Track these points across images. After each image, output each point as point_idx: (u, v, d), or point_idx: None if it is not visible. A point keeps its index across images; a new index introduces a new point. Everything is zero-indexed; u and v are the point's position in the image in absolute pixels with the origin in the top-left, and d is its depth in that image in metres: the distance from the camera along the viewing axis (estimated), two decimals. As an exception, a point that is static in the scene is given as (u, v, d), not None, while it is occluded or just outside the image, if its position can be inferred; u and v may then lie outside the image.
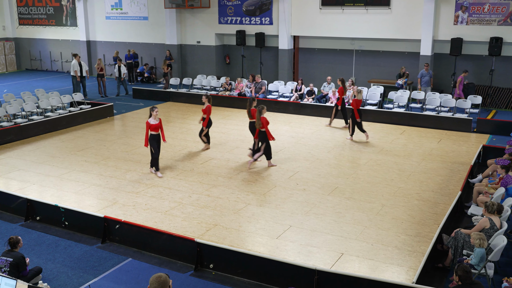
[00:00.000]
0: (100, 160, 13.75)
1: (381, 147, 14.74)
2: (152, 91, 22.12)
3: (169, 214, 10.26)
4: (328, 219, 10.00)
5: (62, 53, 30.31)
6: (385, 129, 16.74)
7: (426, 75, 19.28)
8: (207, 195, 11.23)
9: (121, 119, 18.66)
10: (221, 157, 13.85)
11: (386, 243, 9.01)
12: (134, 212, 10.35)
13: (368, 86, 20.94)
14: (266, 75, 24.03)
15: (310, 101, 19.26)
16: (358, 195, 11.18)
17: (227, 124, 17.50)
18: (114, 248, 9.19)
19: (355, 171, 12.72)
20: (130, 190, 11.54)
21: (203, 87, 22.61)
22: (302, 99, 19.85)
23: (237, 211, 10.38)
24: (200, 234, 9.37)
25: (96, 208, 10.51)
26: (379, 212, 10.27)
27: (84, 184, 11.94)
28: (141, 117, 18.76)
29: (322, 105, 18.76)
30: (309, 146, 14.83)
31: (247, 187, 11.68)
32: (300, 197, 11.07)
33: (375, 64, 22.14)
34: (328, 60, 23.13)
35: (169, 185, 11.87)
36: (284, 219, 9.99)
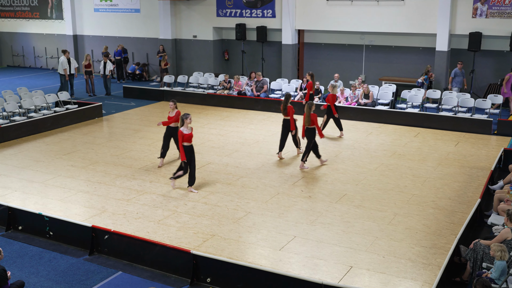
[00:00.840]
0: (87, 164, 13.77)
1: (393, 150, 14.74)
2: (144, 90, 22.15)
3: (163, 223, 10.26)
4: (335, 229, 9.99)
5: (47, 49, 30.37)
6: (397, 131, 16.75)
7: (459, 74, 19.02)
8: (204, 202, 11.24)
9: (111, 120, 18.68)
10: (219, 162, 13.86)
11: (399, 255, 9.01)
12: (125, 221, 10.36)
13: (379, 84, 20.96)
14: (268, 73, 24.06)
15: (316, 100, 19.27)
16: (369, 203, 11.18)
17: (226, 125, 17.52)
18: (102, 260, 9.19)
19: (365, 176, 12.73)
20: (121, 198, 11.55)
21: (199, 86, 22.65)
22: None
23: (236, 220, 10.38)
24: (197, 245, 9.37)
25: (84, 217, 10.52)
26: (391, 222, 10.26)
27: (71, 191, 11.95)
28: (132, 118, 18.79)
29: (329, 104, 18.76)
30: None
31: (248, 194, 11.69)
32: (305, 205, 11.07)
33: (386, 61, 22.16)
34: (335, 56, 23.15)
35: (162, 192, 11.87)
36: (288, 229, 9.99)
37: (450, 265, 8.38)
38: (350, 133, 16.42)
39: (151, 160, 13.97)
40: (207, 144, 15.45)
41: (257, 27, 23.62)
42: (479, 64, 20.05)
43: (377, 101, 18.84)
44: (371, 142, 15.53)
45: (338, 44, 23.02)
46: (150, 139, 15.94)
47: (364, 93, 18.37)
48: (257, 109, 19.48)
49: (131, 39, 27.43)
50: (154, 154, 14.39)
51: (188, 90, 21.78)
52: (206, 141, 15.76)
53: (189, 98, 21.02)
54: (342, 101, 18.67)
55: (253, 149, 14.88)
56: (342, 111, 18.07)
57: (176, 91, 21.62)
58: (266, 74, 23.66)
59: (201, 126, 17.45)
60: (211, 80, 22.42)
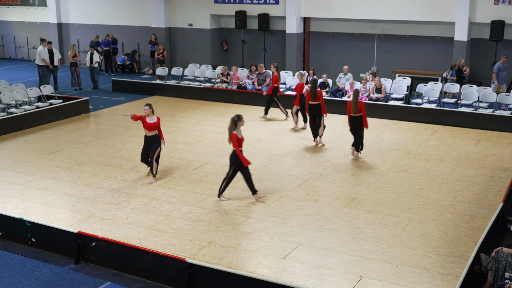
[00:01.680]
0: (73, 165, 13.78)
1: (407, 150, 14.74)
2: (135, 83, 22.16)
3: (156, 229, 10.27)
4: (344, 235, 10.00)
5: (28, 38, 30.40)
6: (412, 128, 16.75)
7: (503, 69, 18.67)
8: (200, 207, 11.25)
9: (99, 116, 18.69)
10: (217, 162, 13.87)
11: (414, 265, 9.01)
12: (114, 227, 10.37)
13: (392, 77, 20.96)
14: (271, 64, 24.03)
15: (324, 95, 19.26)
16: (381, 207, 11.18)
17: (224, 122, 17.52)
18: (89, 270, 9.20)
19: (377, 178, 12.73)
20: (109, 201, 11.56)
21: (195, 79, 22.66)
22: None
23: (236, 226, 10.39)
24: (192, 253, 9.38)
25: (69, 222, 10.53)
26: (405, 228, 10.27)
27: (55, 194, 11.96)
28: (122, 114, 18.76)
29: (337, 99, 18.77)
30: (322, 149, 14.85)
31: (248, 197, 11.70)
32: (311, 210, 11.08)
33: (400, 52, 22.15)
34: (344, 47, 23.15)
35: (155, 195, 11.89)
36: (292, 236, 9.99)
37: (469, 275, 8.38)
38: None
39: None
40: (204, 142, 15.46)
41: (259, 15, 23.63)
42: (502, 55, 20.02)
43: (390, 95, 18.83)
44: (384, 141, 15.53)
45: (348, 34, 23.02)
46: (141, 137, 15.91)
47: (376, 87, 18.36)
48: (259, 105, 19.48)
49: (121, 28, 27.45)
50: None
51: (183, 84, 21.79)
52: (202, 139, 15.77)
53: (184, 92, 21.03)
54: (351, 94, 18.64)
55: (254, 149, 14.89)
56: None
57: (170, 84, 21.63)
58: (268, 66, 23.67)
59: (197, 123, 17.46)
60: (208, 72, 22.43)
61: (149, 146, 12.43)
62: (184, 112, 18.89)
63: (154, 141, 12.42)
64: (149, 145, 12.44)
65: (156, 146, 12.40)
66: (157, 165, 12.54)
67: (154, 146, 12.40)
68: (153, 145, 12.40)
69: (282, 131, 16.49)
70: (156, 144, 12.41)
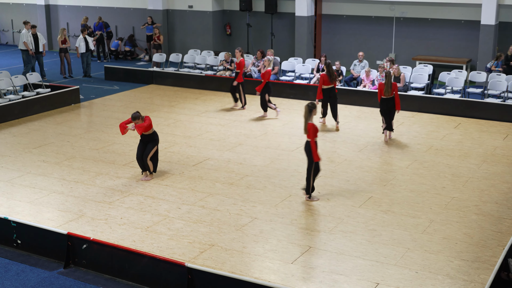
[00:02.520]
0: (62, 160, 13.82)
1: (429, 144, 14.72)
2: (130, 71, 22.18)
3: (152, 230, 10.30)
4: (359, 238, 10.00)
5: (13, 21, 30.44)
6: (434, 121, 16.72)
7: None
8: (201, 206, 11.27)
9: (90, 107, 18.72)
10: (219, 157, 13.88)
11: (435, 271, 9.01)
12: (107, 228, 10.40)
13: (412, 64, 20.92)
14: (279, 50, 24.04)
15: (337, 84, 19.25)
16: (399, 207, 11.18)
17: (228, 114, 17.53)
18: (80, 274, 9.23)
19: (395, 176, 12.72)
20: (101, 200, 11.59)
21: (196, 66, 22.66)
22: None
23: (240, 227, 10.41)
24: (192, 257, 9.41)
25: (58, 223, 10.57)
26: (426, 230, 10.26)
27: (42, 191, 12.00)
28: (116, 104, 18.83)
29: (352, 89, 18.74)
30: (335, 143, 14.84)
31: (254, 196, 11.71)
32: (323, 210, 11.08)
33: (421, 36, 22.09)
34: (360, 31, 23.09)
35: (151, 193, 11.91)
36: (301, 239, 10.00)
37: (496, 282, 8.36)
38: (376, 123, 16.39)
39: (138, 155, 14.01)
40: (205, 136, 15.47)
41: (266, -4, 23.61)
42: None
43: (410, 85, 18.79)
44: (402, 135, 15.51)
45: (363, 16, 22.97)
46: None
47: (394, 75, 18.32)
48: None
49: (114, 10, 27.47)
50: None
51: (182, 71, 21.79)
52: (203, 132, 15.79)
53: (183, 80, 21.03)
54: (368, 85, 18.64)
55: (260, 143, 14.89)
56: (368, 97, 18.05)
57: (167, 72, 21.64)
58: (276, 52, 23.64)
59: (197, 114, 17.47)
60: (210, 59, 22.42)
61: (145, 145, 12.40)
62: (184, 103, 18.89)
63: (151, 139, 12.38)
64: (145, 143, 12.41)
65: (152, 145, 12.35)
66: (154, 164, 12.49)
67: (150, 145, 12.37)
68: (149, 143, 12.38)
69: (291, 123, 16.48)
70: (152, 143, 12.37)
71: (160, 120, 16.83)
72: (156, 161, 12.59)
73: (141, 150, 12.39)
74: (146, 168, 12.48)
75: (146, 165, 12.45)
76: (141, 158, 12.42)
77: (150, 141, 12.38)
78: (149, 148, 12.36)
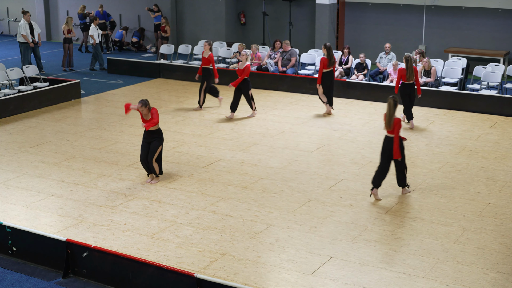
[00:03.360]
0: (61, 160, 13.88)
1: (462, 145, 14.65)
2: (135, 63, 22.24)
3: (158, 238, 10.33)
4: (385, 248, 9.98)
5: (9, 9, 30.62)
6: (468, 119, 16.65)
7: None
8: (212, 211, 11.29)
9: (91, 102, 18.79)
10: (232, 158, 13.89)
11: (468, 284, 8.97)
12: (109, 234, 10.44)
13: (444, 57, 20.82)
14: (298, 41, 24.01)
15: (361, 78, 19.19)
16: (429, 214, 11.14)
17: (241, 110, 17.54)
18: (80, 285, 9.27)
19: (425, 179, 12.67)
20: (104, 204, 11.63)
21: (207, 58, 22.67)
22: (349, 76, 19.80)
23: (254, 235, 10.41)
24: (202, 267, 9.42)
25: (56, 228, 10.62)
26: (458, 239, 10.22)
27: (39, 194, 12.06)
28: (119, 100, 18.89)
29: (377, 84, 18.68)
30: (359, 143, 14.81)
31: (269, 201, 11.71)
32: (345, 216, 11.06)
33: (455, 27, 21.98)
34: (387, 20, 23.01)
35: (158, 197, 11.94)
36: (321, 248, 9.99)
37: (536, 297, 8.32)
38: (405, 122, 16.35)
39: (144, 155, 14.05)
40: (217, 135, 15.49)
41: (284, -18, 23.60)
42: None
43: (442, 80, 18.71)
44: (433, 134, 15.45)
45: (391, 4, 22.89)
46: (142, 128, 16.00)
47: (424, 69, 18.26)
48: (283, 89, 19.47)
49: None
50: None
51: (192, 64, 21.83)
52: (215, 131, 15.80)
53: (193, 74, 21.02)
54: (395, 80, 18.56)
55: (277, 142, 14.89)
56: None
57: (176, 65, 21.68)
58: (294, 43, 23.63)
59: (208, 112, 17.49)
60: (222, 51, 22.44)
61: (149, 144, 12.33)
62: (193, 98, 18.92)
63: (154, 137, 12.32)
64: (148, 142, 12.34)
65: (157, 144, 12.29)
66: (159, 165, 12.50)
67: (154, 145, 12.30)
68: (153, 142, 12.33)
69: (311, 121, 16.47)
70: (156, 142, 12.29)
71: (167, 117, 16.87)
72: (160, 161, 12.59)
73: (145, 151, 12.35)
74: (152, 170, 12.50)
75: (151, 168, 12.46)
76: (145, 159, 12.41)
77: (155, 139, 12.31)
78: (154, 148, 12.30)
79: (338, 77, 19.40)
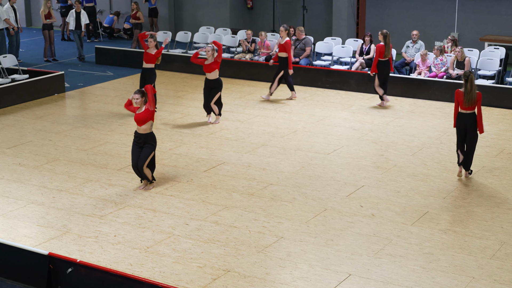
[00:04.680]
0: (42, 163, 13.92)
1: (500, 147, 14.63)
2: (126, 53, 22.27)
3: (153, 251, 10.34)
4: (411, 264, 9.97)
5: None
6: (507, 117, 16.63)
7: None
8: (214, 222, 11.30)
9: (77, 97, 18.83)
10: (237, 161, 13.91)
11: (507, 306, 8.97)
12: (97, 247, 10.46)
13: (480, 47, 20.80)
14: (313, 28, 24.02)
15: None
16: (462, 225, 11.12)
17: (248, 107, 17.55)
18: (64, 305, 9.31)
19: (457, 186, 12.65)
20: (91, 213, 11.65)
21: (209, 47, 22.70)
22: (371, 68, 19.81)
23: (262, 248, 10.42)
24: (203, 285, 9.44)
25: (37, 241, 10.64)
26: (495, 255, 10.20)
27: (18, 202, 12.09)
28: (109, 94, 18.91)
29: (404, 77, 18.66)
30: (382, 145, 14.80)
31: (280, 210, 11.71)
32: (366, 228, 11.06)
33: (492, 11, 21.95)
34: (414, 4, 23.00)
35: (152, 205, 11.95)
36: (339, 264, 9.99)
37: None
38: (435, 119, 16.33)
39: (137, 157, 14.09)
40: (220, 134, 15.50)
41: (296, -40, 23.63)
42: None
43: (477, 72, 18.68)
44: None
45: (419, -14, 22.91)
46: (134, 126, 16.02)
47: (457, 59, 18.24)
48: (295, 83, 19.44)
49: (107, -23, 27.65)
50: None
51: (192, 53, 21.84)
52: (218, 130, 15.82)
53: (193, 65, 21.05)
54: (424, 71, 18.57)
55: (288, 143, 14.90)
56: (424, 86, 17.97)
57: (174, 54, 21.70)
58: (309, 30, 23.64)
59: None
60: (227, 39, 22.47)
61: (141, 148, 12.32)
62: (193, 93, 18.95)
63: (146, 142, 12.27)
64: (140, 146, 12.32)
65: (148, 151, 12.21)
66: (151, 171, 12.49)
67: (146, 151, 12.24)
68: (144, 148, 12.29)
69: (327, 119, 16.46)
70: (148, 148, 12.23)
71: (164, 114, 16.90)
72: (153, 167, 12.57)
73: (137, 156, 12.30)
74: (145, 177, 12.50)
75: (143, 174, 12.47)
76: (137, 165, 12.40)
77: (147, 144, 12.27)
78: (145, 154, 12.24)
79: (359, 69, 19.41)
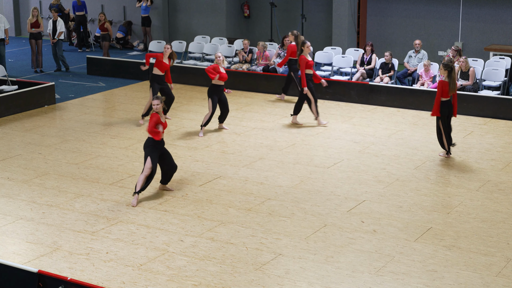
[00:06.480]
0: (32, 177, 13.91)
1: (505, 160, 14.65)
2: (119, 63, 22.27)
3: (147, 269, 10.34)
4: (415, 282, 9.98)
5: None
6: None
7: None
8: (209, 238, 11.29)
9: (68, 109, 18.82)
10: (234, 175, 13.91)
11: (514, 325, 8.97)
12: (89, 265, 10.44)
13: (485, 56, 20.84)
14: (312, 38, 24.06)
15: (386, 81, 19.22)
16: (466, 241, 11.13)
17: (245, 119, 17.57)
18: (54, 324, 9.29)
19: (462, 201, 12.67)
20: (82, 229, 11.64)
21: (204, 57, 22.73)
22: (372, 78, 19.82)
23: (260, 266, 10.42)
24: (198, 303, 9.44)
25: (26, 258, 10.63)
26: (501, 272, 10.21)
27: (6, 218, 12.08)
28: (100, 106, 18.91)
29: (406, 88, 18.68)
30: (384, 158, 14.81)
31: (278, 226, 11.71)
32: (368, 245, 11.06)
33: (497, 20, 22.00)
34: (417, 13, 23.06)
35: (146, 221, 11.96)
36: (340, 281, 9.99)
37: None
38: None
39: (129, 170, 14.07)
40: (216, 147, 15.51)
41: (295, -33, 23.71)
42: None
43: (482, 83, 18.72)
44: (472, 147, 15.45)
45: (421, -6, 22.99)
46: (127, 139, 16.05)
47: (461, 70, 18.27)
48: (294, 94, 19.49)
49: (99, -15, 27.72)
50: (134, 161, 14.50)
51: (186, 64, 21.87)
52: (214, 143, 15.83)
53: (188, 76, 21.11)
54: (427, 82, 18.59)
55: (287, 157, 14.91)
56: (427, 98, 17.98)
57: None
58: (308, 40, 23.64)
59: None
60: (223, 48, 22.49)
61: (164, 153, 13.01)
62: (188, 104, 18.96)
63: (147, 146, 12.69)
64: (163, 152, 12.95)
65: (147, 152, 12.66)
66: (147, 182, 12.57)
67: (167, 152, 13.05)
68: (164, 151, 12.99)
69: (327, 132, 16.48)
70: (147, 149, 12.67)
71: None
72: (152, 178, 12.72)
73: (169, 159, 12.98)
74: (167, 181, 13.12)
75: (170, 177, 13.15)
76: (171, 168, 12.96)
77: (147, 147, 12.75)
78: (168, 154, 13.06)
79: (360, 80, 19.45)
